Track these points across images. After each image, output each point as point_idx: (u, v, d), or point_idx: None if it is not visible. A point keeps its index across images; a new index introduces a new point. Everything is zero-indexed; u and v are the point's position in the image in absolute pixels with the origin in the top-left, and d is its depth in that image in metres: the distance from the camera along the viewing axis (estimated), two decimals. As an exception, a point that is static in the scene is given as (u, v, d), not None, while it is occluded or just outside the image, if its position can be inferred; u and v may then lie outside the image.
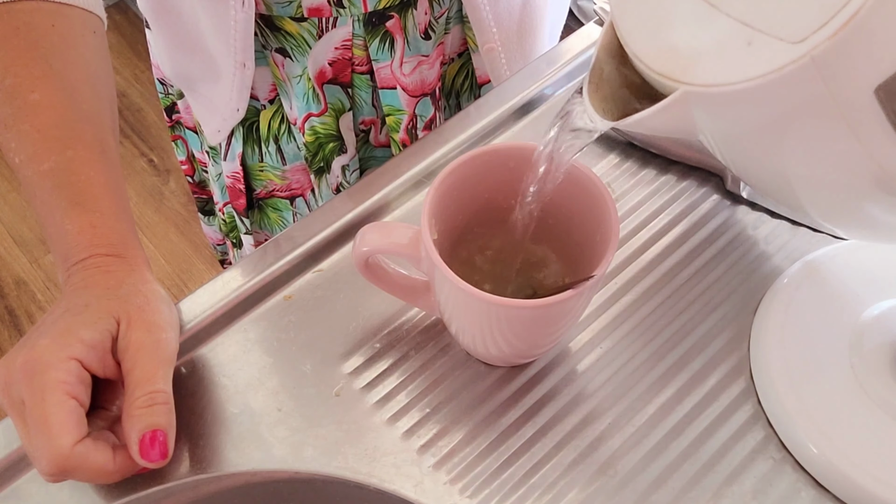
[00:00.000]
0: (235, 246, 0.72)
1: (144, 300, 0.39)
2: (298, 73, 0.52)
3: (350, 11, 0.49)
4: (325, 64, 0.52)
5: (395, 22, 0.50)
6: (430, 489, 0.40)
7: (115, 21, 1.93)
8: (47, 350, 0.35)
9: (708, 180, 0.51)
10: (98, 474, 0.36)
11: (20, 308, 1.48)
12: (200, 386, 0.43)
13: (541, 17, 0.59)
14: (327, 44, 0.50)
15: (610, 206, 0.38)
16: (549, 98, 0.55)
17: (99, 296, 0.38)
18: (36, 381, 0.35)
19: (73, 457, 0.34)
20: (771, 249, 0.48)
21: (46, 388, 0.34)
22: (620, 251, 0.48)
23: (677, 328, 0.45)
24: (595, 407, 0.42)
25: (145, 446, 0.36)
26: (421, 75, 0.54)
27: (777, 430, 0.41)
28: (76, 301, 0.38)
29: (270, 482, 0.41)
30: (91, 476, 0.35)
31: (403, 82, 0.54)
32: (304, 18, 0.49)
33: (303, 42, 0.50)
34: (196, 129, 0.66)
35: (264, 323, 0.45)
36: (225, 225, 0.70)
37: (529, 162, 0.37)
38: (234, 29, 0.49)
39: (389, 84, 0.54)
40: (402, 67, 0.53)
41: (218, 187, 0.67)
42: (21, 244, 1.56)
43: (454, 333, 0.43)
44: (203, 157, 0.68)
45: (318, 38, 0.50)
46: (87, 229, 0.39)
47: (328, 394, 0.43)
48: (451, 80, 0.58)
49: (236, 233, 0.69)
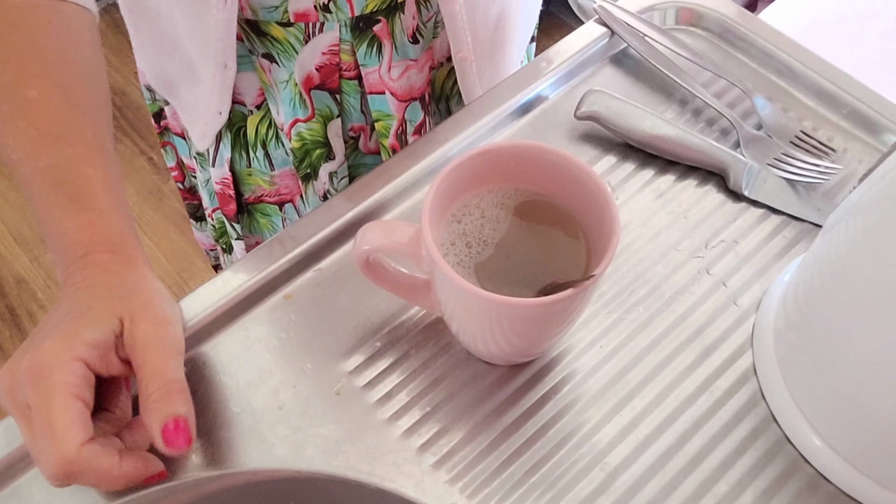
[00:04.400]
0: (226, 251, 0.71)
1: (147, 297, 0.39)
2: (285, 79, 0.52)
3: (337, 16, 0.48)
4: (312, 69, 0.51)
5: (382, 26, 0.50)
6: (431, 488, 0.40)
7: (115, 19, 1.93)
8: (52, 353, 0.35)
9: (709, 179, 0.51)
10: (104, 478, 0.35)
11: (21, 307, 1.48)
12: (201, 385, 0.43)
13: (513, 31, 0.59)
14: (314, 49, 0.50)
15: (610, 206, 0.37)
16: (548, 98, 0.55)
17: (101, 296, 0.38)
18: (41, 385, 0.34)
19: (79, 459, 0.34)
20: (773, 247, 0.48)
21: (52, 391, 0.34)
22: (621, 250, 0.48)
23: (678, 328, 0.45)
24: (596, 406, 0.42)
25: (169, 434, 0.35)
26: (409, 80, 0.54)
27: (784, 427, 0.41)
28: (78, 302, 0.37)
29: (271, 481, 0.41)
30: (97, 480, 0.35)
31: (392, 87, 0.54)
32: (290, 24, 0.48)
33: (289, 47, 0.50)
34: (184, 135, 0.66)
35: (265, 322, 0.45)
36: (215, 230, 0.70)
37: (530, 160, 0.37)
38: (214, 28, 0.48)
39: (378, 89, 0.54)
40: (391, 72, 0.53)
41: (207, 193, 0.66)
42: (21, 243, 1.56)
43: (455, 332, 0.43)
44: (191, 162, 0.68)
45: (305, 44, 0.50)
46: (86, 227, 0.39)
47: (329, 392, 0.43)
48: (440, 84, 0.58)
49: (226, 238, 0.69)
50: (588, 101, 0.52)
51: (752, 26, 0.58)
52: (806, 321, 0.40)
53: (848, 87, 0.55)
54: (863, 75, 0.55)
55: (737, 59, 0.58)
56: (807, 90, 0.56)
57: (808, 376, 0.40)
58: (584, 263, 0.40)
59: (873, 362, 0.36)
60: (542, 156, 0.40)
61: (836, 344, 0.38)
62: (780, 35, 0.57)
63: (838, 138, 0.53)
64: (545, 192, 0.41)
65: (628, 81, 0.56)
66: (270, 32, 0.49)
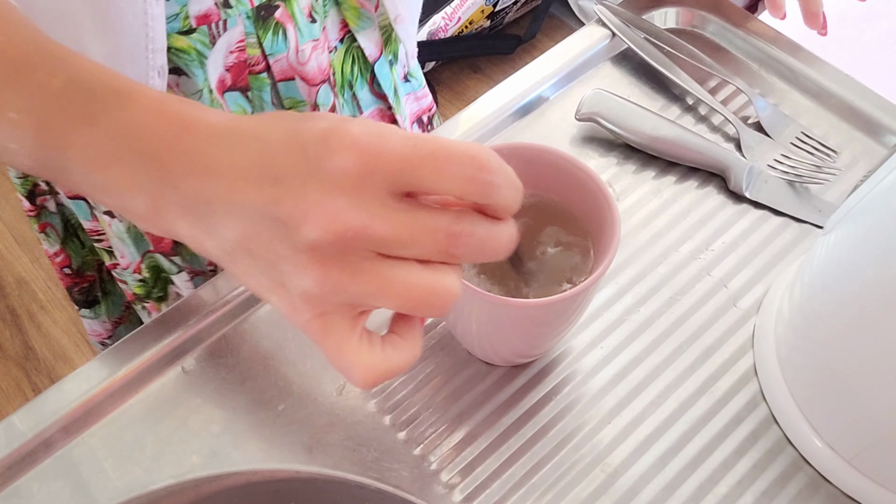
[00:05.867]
0: (162, 299, 0.63)
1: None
2: (199, 89, 0.49)
3: (238, 10, 0.47)
4: (222, 70, 0.50)
5: (282, 11, 0.49)
6: (431, 488, 0.40)
7: None
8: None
9: (709, 180, 0.51)
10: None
11: (21, 307, 1.48)
12: (201, 385, 0.43)
13: None
14: (222, 49, 0.48)
15: (611, 207, 0.37)
16: (549, 98, 0.55)
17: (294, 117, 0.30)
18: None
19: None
20: (773, 248, 0.48)
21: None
22: (621, 251, 0.48)
23: (679, 328, 0.45)
24: (596, 407, 0.42)
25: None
26: (318, 61, 0.53)
27: (784, 428, 0.41)
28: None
29: (271, 482, 0.41)
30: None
31: (301, 71, 0.52)
32: (192, 30, 0.47)
33: (196, 54, 0.48)
34: (82, 196, 0.58)
35: (266, 321, 0.45)
36: (144, 285, 0.62)
37: (530, 161, 0.37)
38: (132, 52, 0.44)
39: (288, 75, 0.52)
40: (299, 56, 0.52)
41: (131, 241, 0.59)
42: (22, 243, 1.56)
43: (455, 333, 0.43)
44: (96, 224, 0.60)
45: (212, 46, 0.48)
46: (155, 98, 0.31)
47: (329, 393, 0.43)
48: (340, 70, 0.57)
49: (161, 284, 0.62)
50: (589, 102, 0.52)
51: (753, 27, 0.58)
52: (807, 322, 0.40)
53: (848, 87, 0.55)
54: (863, 75, 0.55)
55: (737, 59, 0.58)
56: (807, 90, 0.56)
57: (808, 377, 0.40)
58: (584, 264, 0.40)
59: (874, 363, 0.36)
60: (542, 157, 0.40)
61: (836, 345, 0.38)
62: (780, 35, 0.58)
63: (838, 139, 0.53)
64: (546, 193, 0.41)
65: (629, 82, 0.56)
66: (174, 45, 0.47)
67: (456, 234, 0.28)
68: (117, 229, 0.58)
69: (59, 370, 1.37)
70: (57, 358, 1.39)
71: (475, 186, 0.28)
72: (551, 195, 0.41)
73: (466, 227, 0.28)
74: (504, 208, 0.29)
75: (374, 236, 0.27)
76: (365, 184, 0.27)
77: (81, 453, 0.41)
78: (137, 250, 0.59)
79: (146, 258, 0.60)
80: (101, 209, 0.58)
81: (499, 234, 0.29)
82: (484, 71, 1.71)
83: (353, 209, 0.27)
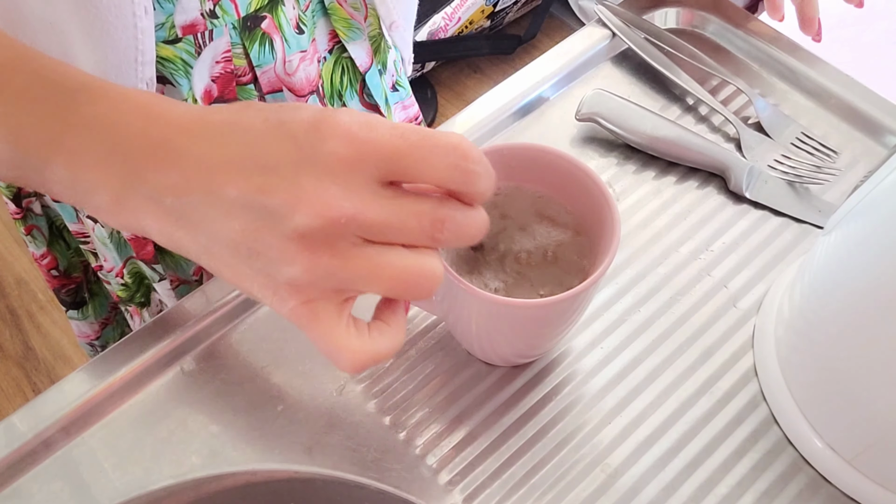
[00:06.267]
0: (145, 305, 0.63)
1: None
2: (183, 98, 0.48)
3: (224, 20, 0.47)
4: (209, 81, 0.50)
5: (269, 22, 0.49)
6: (431, 489, 0.40)
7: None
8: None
9: (709, 181, 0.51)
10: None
11: (21, 307, 1.48)
12: (201, 385, 0.43)
13: None
14: (208, 59, 0.48)
15: (611, 207, 0.37)
16: (549, 99, 0.55)
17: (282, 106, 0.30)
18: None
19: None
20: (774, 248, 0.48)
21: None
22: (621, 251, 0.48)
23: (679, 329, 0.45)
24: (597, 407, 0.42)
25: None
26: (305, 72, 0.53)
27: (784, 429, 0.41)
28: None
29: (270, 482, 0.41)
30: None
31: (289, 83, 0.52)
32: (178, 39, 0.47)
33: (182, 63, 0.48)
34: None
35: (265, 321, 0.45)
36: (126, 290, 0.62)
37: (531, 161, 0.37)
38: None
39: (275, 87, 0.52)
40: (286, 67, 0.52)
41: (113, 247, 0.58)
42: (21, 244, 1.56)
43: (455, 333, 0.43)
44: (81, 226, 0.60)
45: (198, 56, 0.48)
46: (122, 93, 0.30)
47: (329, 393, 0.43)
48: (329, 81, 0.57)
49: (143, 290, 0.62)
50: (589, 102, 0.52)
51: (753, 27, 0.58)
52: (807, 323, 0.40)
53: (848, 87, 0.55)
54: (863, 75, 0.55)
55: (737, 60, 0.58)
56: (807, 90, 0.56)
57: (808, 378, 0.40)
58: (584, 265, 0.40)
59: (874, 364, 0.36)
60: (542, 157, 0.40)
61: (837, 345, 0.38)
62: (781, 36, 0.57)
63: (838, 139, 0.53)
64: (546, 193, 0.41)
65: (629, 83, 0.56)
66: (160, 54, 0.46)
67: (440, 219, 0.29)
68: (100, 233, 0.58)
69: (59, 370, 1.37)
70: (57, 358, 1.39)
71: (458, 174, 0.28)
72: (551, 195, 0.41)
73: (448, 213, 0.29)
74: (480, 195, 0.30)
75: (364, 222, 0.28)
76: (356, 171, 0.28)
77: (81, 453, 0.41)
78: (120, 256, 0.59)
79: (128, 264, 0.60)
80: (84, 212, 0.58)
81: (474, 219, 0.30)
82: (484, 71, 1.71)
83: (345, 196, 0.27)
